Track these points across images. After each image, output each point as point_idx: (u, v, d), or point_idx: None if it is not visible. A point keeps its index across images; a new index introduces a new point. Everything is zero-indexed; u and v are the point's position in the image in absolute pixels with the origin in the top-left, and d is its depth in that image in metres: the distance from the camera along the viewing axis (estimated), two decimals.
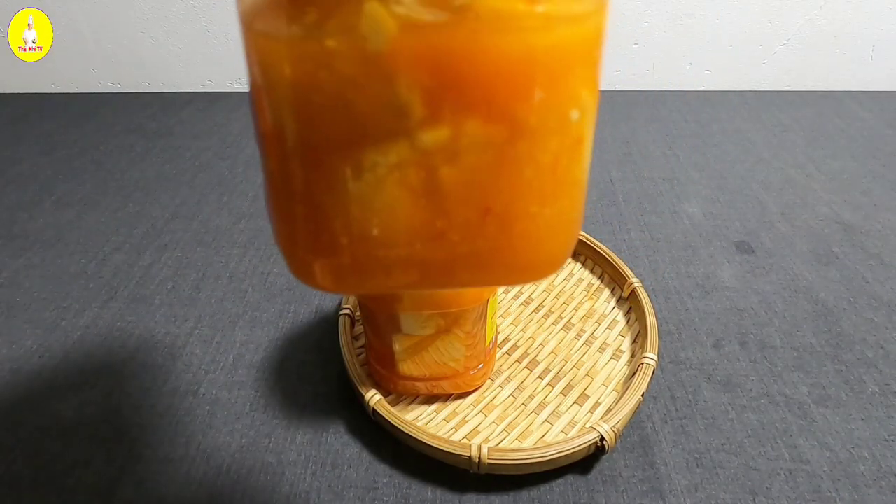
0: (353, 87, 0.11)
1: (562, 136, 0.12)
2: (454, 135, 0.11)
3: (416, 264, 0.13)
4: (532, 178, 0.13)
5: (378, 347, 0.30)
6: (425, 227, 0.12)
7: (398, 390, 0.32)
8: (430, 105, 0.11)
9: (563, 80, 0.12)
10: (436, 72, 0.11)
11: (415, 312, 0.27)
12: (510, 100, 0.11)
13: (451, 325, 0.28)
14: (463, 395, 0.32)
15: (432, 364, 0.30)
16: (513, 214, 0.13)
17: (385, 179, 0.12)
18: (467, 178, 0.12)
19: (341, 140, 0.12)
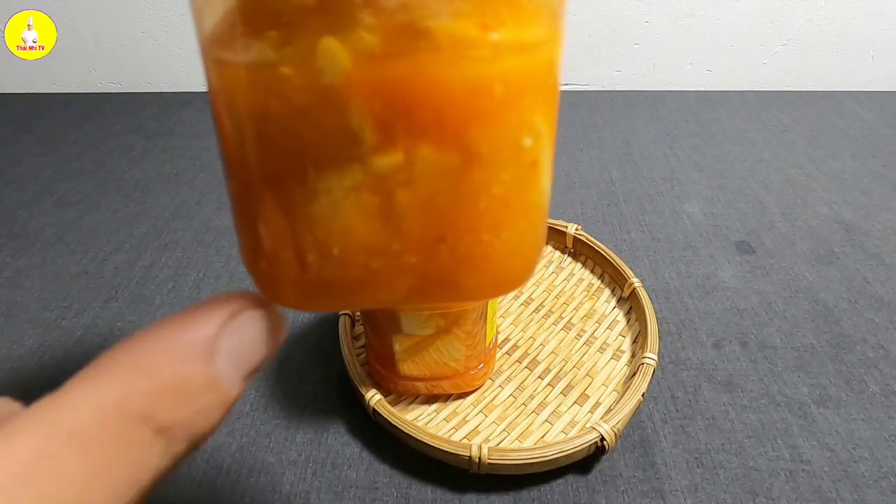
0: (307, 116, 0.11)
1: (515, 162, 0.13)
2: (408, 160, 0.12)
3: (379, 284, 0.14)
4: (486, 207, 0.13)
5: (378, 347, 0.30)
6: (383, 248, 0.13)
7: (398, 390, 0.32)
8: (383, 132, 0.11)
9: (514, 108, 0.12)
10: (389, 100, 0.11)
11: (415, 312, 0.27)
12: (462, 127, 0.12)
13: (452, 325, 0.28)
14: (463, 395, 0.32)
15: (432, 364, 0.30)
16: (467, 243, 0.13)
17: (341, 203, 0.12)
18: (422, 203, 0.12)
19: (297, 165, 0.12)
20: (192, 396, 0.11)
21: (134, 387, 0.11)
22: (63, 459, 0.10)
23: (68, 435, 0.10)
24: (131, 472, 0.10)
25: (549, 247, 0.43)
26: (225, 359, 0.12)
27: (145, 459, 0.11)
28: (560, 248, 0.43)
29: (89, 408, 0.10)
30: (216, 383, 0.11)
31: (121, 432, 0.10)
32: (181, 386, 0.11)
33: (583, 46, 0.69)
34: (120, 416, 0.10)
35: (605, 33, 0.68)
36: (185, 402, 0.11)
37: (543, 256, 0.42)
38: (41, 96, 0.71)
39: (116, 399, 0.10)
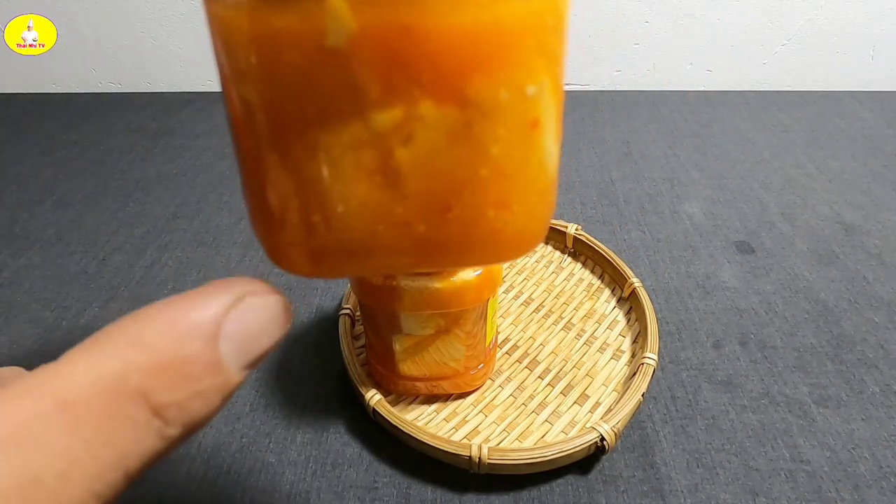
0: (307, 73, 0.11)
1: (516, 118, 0.12)
2: (407, 116, 0.12)
3: (385, 248, 0.13)
4: (489, 170, 0.13)
5: (378, 347, 0.30)
6: (387, 212, 0.13)
7: (398, 390, 0.32)
8: (383, 87, 0.11)
9: (514, 56, 0.12)
10: (388, 55, 0.11)
11: (415, 312, 0.27)
12: (460, 77, 0.12)
13: (452, 325, 0.28)
14: (463, 395, 0.32)
15: (432, 364, 0.30)
16: (471, 208, 0.13)
17: (341, 160, 0.12)
18: (423, 163, 0.12)
19: (298, 122, 0.12)
20: (192, 378, 0.11)
21: (133, 361, 0.10)
22: (52, 430, 0.09)
23: (61, 405, 0.10)
24: (121, 452, 0.10)
25: (549, 247, 0.43)
26: (229, 343, 0.11)
27: (138, 440, 0.10)
28: (560, 248, 0.43)
29: (86, 379, 0.10)
30: (218, 367, 0.11)
31: (115, 407, 0.10)
32: (182, 366, 0.11)
33: (583, 46, 0.69)
34: (116, 390, 0.10)
35: (605, 33, 0.68)
36: (185, 383, 0.11)
37: (543, 256, 0.42)
38: (41, 96, 0.71)
39: (114, 372, 0.10)
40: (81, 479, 0.10)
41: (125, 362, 0.10)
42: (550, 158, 0.14)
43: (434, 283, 0.25)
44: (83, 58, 0.70)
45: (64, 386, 0.10)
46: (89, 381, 0.10)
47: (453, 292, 0.26)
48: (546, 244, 0.43)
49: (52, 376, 0.10)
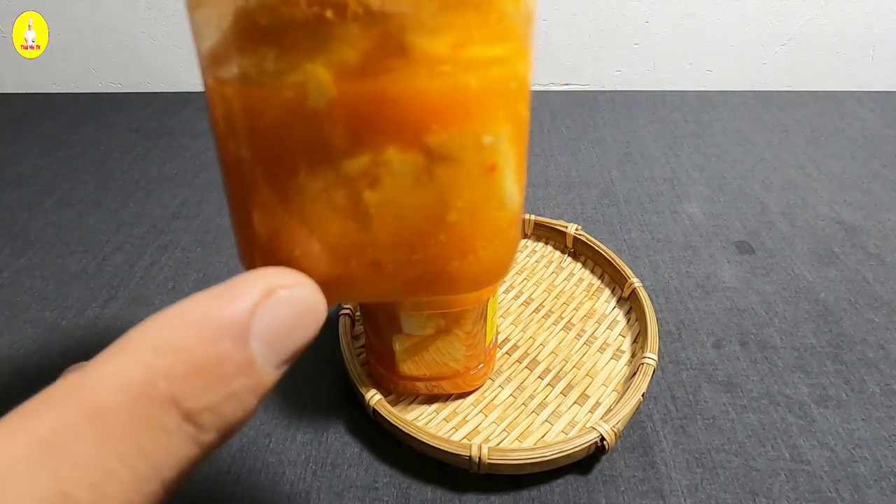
0: (288, 127, 0.13)
1: (475, 161, 0.14)
2: (374, 162, 0.13)
3: (361, 282, 0.15)
4: (450, 211, 0.14)
5: (378, 347, 0.30)
6: (359, 252, 0.14)
7: (398, 390, 0.32)
8: (353, 138, 0.13)
9: (475, 113, 0.13)
10: (360, 114, 0.12)
11: (415, 312, 0.27)
12: (424, 131, 0.13)
13: (452, 325, 0.28)
14: (463, 395, 0.32)
15: (432, 364, 0.30)
16: (438, 254, 0.14)
17: (315, 202, 0.13)
18: (390, 205, 0.13)
19: (277, 168, 0.13)
20: (223, 380, 0.10)
21: (161, 367, 0.10)
22: (81, 442, 0.09)
23: (88, 416, 0.09)
24: (156, 461, 0.10)
25: (549, 247, 0.43)
26: (260, 340, 0.11)
27: (172, 447, 0.10)
28: (560, 248, 0.43)
29: (113, 388, 0.09)
30: (250, 367, 0.11)
31: (145, 415, 0.09)
32: (212, 369, 0.10)
33: (583, 46, 0.69)
34: (145, 397, 0.09)
35: (605, 33, 0.68)
36: (216, 386, 0.10)
37: (543, 256, 0.42)
38: (41, 96, 0.71)
39: (142, 379, 0.10)
40: (117, 493, 0.09)
41: (152, 368, 0.10)
42: (510, 199, 0.15)
43: None
44: (83, 58, 0.70)
45: (91, 396, 0.09)
46: (117, 390, 0.09)
47: None
48: (546, 244, 0.43)
49: (77, 386, 0.10)
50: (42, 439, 0.09)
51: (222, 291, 0.11)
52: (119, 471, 0.09)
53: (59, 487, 0.09)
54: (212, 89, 0.13)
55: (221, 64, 0.13)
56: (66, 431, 0.09)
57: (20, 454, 0.09)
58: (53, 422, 0.09)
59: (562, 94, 0.69)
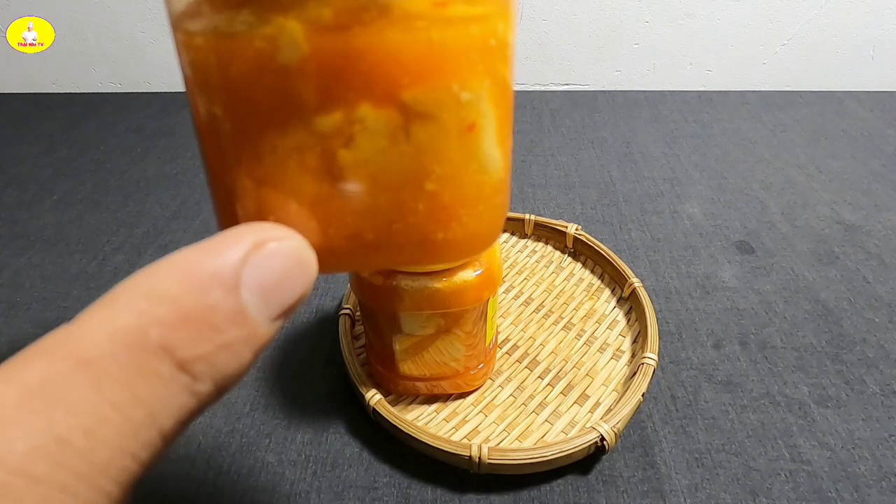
0: (258, 83, 0.12)
1: (452, 118, 0.13)
2: (347, 119, 0.12)
3: (343, 252, 0.14)
4: (427, 173, 0.13)
5: (378, 347, 0.30)
6: (337, 220, 0.13)
7: (398, 390, 0.32)
8: (325, 94, 0.12)
9: (453, 69, 0.13)
10: (332, 69, 0.12)
11: (415, 312, 0.27)
12: (400, 87, 0.12)
13: (452, 325, 0.28)
14: (463, 395, 0.32)
15: (433, 364, 0.30)
16: (416, 223, 0.14)
17: (289, 160, 0.13)
18: (365, 165, 0.13)
19: (253, 126, 0.13)
20: (216, 329, 0.10)
21: (152, 315, 0.10)
22: (72, 389, 0.09)
23: (78, 363, 0.09)
24: (151, 409, 0.09)
25: (549, 247, 0.43)
26: (252, 291, 0.11)
27: (166, 396, 0.10)
28: (560, 248, 0.43)
29: (103, 336, 0.09)
30: (243, 317, 0.11)
31: (138, 363, 0.09)
32: (204, 317, 0.10)
33: (583, 46, 0.69)
34: (137, 345, 0.09)
35: (605, 33, 0.68)
36: (209, 334, 0.10)
37: (543, 256, 0.42)
38: (41, 96, 0.71)
39: (133, 327, 0.10)
40: (112, 439, 0.09)
41: (143, 316, 0.10)
42: (492, 162, 0.14)
43: (434, 284, 0.25)
44: (83, 58, 0.70)
45: (82, 344, 0.09)
46: (107, 338, 0.09)
47: (453, 292, 0.26)
48: (546, 244, 0.43)
49: (68, 335, 0.10)
50: (33, 387, 0.09)
51: (212, 244, 0.11)
52: (113, 417, 0.09)
53: (53, 432, 0.09)
54: (182, 44, 0.13)
55: (193, 18, 0.12)
56: (57, 379, 0.09)
57: (12, 401, 0.09)
58: (44, 370, 0.09)
59: (562, 94, 0.69)
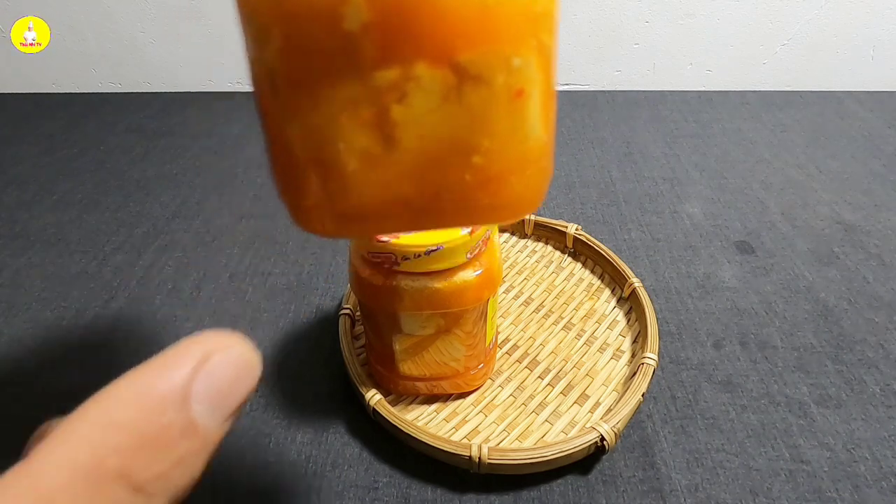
0: (321, 43, 0.13)
1: (503, 82, 0.14)
2: (403, 76, 0.13)
3: (392, 216, 0.15)
4: (479, 129, 0.14)
5: (378, 347, 0.30)
6: (387, 183, 0.14)
7: (398, 390, 0.32)
8: (384, 52, 0.13)
9: (502, 32, 0.13)
10: (392, 30, 0.13)
11: (415, 312, 0.27)
12: (453, 47, 0.13)
13: (452, 325, 0.28)
14: (463, 394, 0.32)
15: (433, 364, 0.30)
16: (463, 188, 0.15)
17: (344, 115, 0.14)
18: (417, 122, 0.14)
19: (312, 82, 0.13)
20: (168, 447, 0.11)
21: (108, 445, 0.10)
22: None
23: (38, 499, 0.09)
24: None
25: (549, 247, 0.43)
26: (201, 402, 0.11)
27: None
28: (560, 248, 0.43)
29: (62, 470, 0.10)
30: (193, 429, 0.11)
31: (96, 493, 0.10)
32: (157, 438, 0.11)
33: (583, 46, 0.69)
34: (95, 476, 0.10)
35: (605, 33, 0.68)
36: (163, 453, 0.11)
37: (543, 256, 0.42)
38: (41, 96, 0.71)
39: (90, 459, 0.10)
40: None
41: (99, 446, 0.10)
42: (536, 129, 0.15)
43: (434, 284, 0.25)
44: (83, 58, 0.70)
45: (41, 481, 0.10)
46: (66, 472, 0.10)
47: (453, 292, 0.26)
48: (546, 244, 0.43)
49: (26, 474, 0.10)
50: None
51: (161, 362, 0.12)
52: None
53: None
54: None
55: None
56: None
57: None
58: None
59: (562, 94, 0.69)
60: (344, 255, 0.43)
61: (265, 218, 0.48)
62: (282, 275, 0.41)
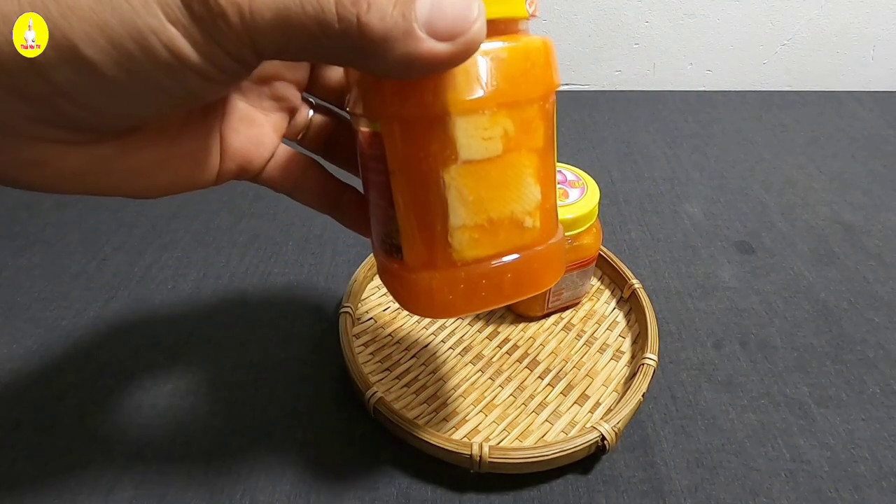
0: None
1: None
2: None
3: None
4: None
5: (412, 224, 0.20)
6: None
7: (439, 305, 0.21)
8: None
9: None
10: None
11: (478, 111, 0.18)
12: None
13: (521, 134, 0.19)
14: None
15: (501, 225, 0.20)
16: None
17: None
18: None
19: None
20: None
21: None
22: None
23: None
24: None
25: None
26: None
27: None
28: None
29: None
30: None
31: None
32: None
33: (583, 46, 0.69)
34: None
35: (605, 33, 0.68)
36: None
37: None
38: None
39: None
40: None
41: None
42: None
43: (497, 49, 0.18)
44: None
45: None
46: None
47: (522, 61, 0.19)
48: None
49: None
50: None
51: None
52: None
53: None
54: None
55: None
56: None
57: None
58: None
59: (562, 94, 0.69)
60: (344, 255, 0.43)
61: (265, 218, 0.48)
62: (282, 275, 0.41)
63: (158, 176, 0.19)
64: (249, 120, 0.21)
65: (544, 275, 0.22)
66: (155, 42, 0.13)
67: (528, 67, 0.19)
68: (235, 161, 0.21)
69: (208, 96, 0.16)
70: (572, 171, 0.35)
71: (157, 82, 0.14)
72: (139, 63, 0.13)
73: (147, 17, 0.13)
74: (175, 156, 0.19)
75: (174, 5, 0.13)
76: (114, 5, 0.13)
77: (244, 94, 0.21)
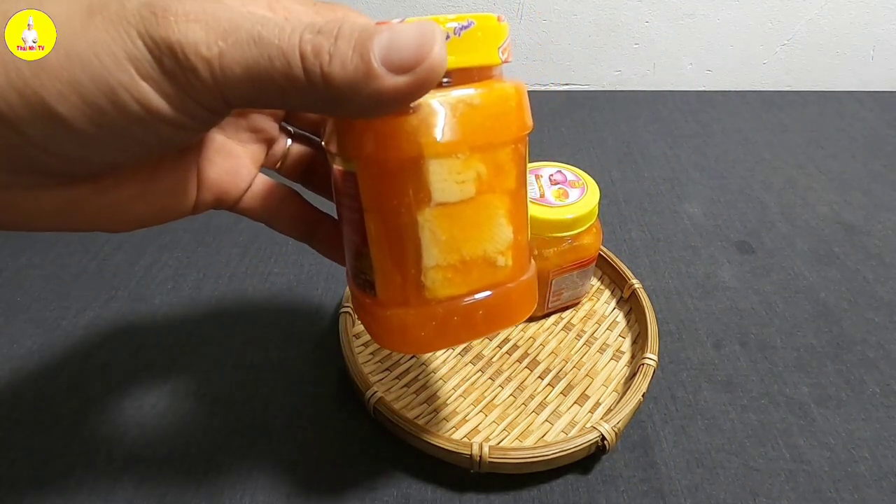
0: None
1: None
2: None
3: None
4: None
5: (390, 269, 0.20)
6: None
7: (414, 341, 0.21)
8: None
9: None
10: None
11: (451, 155, 0.18)
12: None
13: (493, 177, 0.20)
14: (504, 324, 0.23)
15: (473, 264, 0.20)
16: None
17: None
18: None
19: None
20: None
21: None
22: None
23: None
24: None
25: None
26: None
27: None
28: None
29: None
30: None
31: None
32: None
33: (583, 46, 0.69)
34: None
35: (605, 33, 0.68)
36: None
37: None
38: None
39: None
40: None
41: None
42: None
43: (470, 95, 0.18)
44: None
45: None
46: None
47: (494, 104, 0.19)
48: None
49: None
50: None
51: None
52: None
53: None
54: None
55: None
56: None
57: None
58: None
59: (562, 94, 0.69)
60: None
61: None
62: (282, 275, 0.41)
63: (135, 210, 0.18)
64: (226, 152, 0.21)
65: (516, 310, 0.22)
66: (127, 98, 0.13)
67: (501, 112, 0.19)
68: (212, 192, 0.21)
69: (182, 143, 0.16)
70: (572, 171, 0.35)
71: (130, 133, 0.14)
72: (112, 118, 0.13)
73: (118, 73, 0.13)
74: (151, 191, 0.18)
75: (145, 60, 0.13)
76: (84, 62, 0.13)
77: (221, 126, 0.21)
